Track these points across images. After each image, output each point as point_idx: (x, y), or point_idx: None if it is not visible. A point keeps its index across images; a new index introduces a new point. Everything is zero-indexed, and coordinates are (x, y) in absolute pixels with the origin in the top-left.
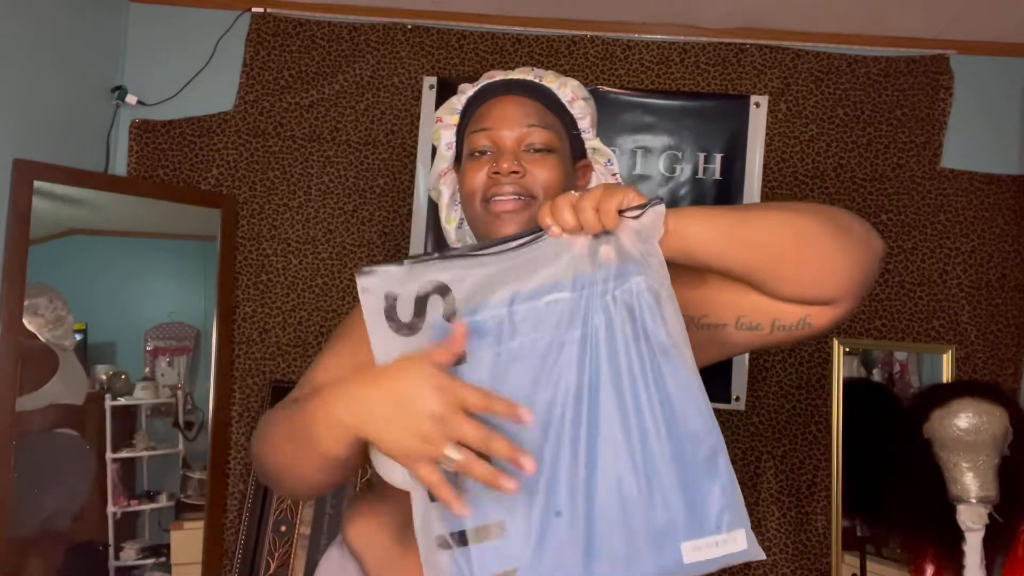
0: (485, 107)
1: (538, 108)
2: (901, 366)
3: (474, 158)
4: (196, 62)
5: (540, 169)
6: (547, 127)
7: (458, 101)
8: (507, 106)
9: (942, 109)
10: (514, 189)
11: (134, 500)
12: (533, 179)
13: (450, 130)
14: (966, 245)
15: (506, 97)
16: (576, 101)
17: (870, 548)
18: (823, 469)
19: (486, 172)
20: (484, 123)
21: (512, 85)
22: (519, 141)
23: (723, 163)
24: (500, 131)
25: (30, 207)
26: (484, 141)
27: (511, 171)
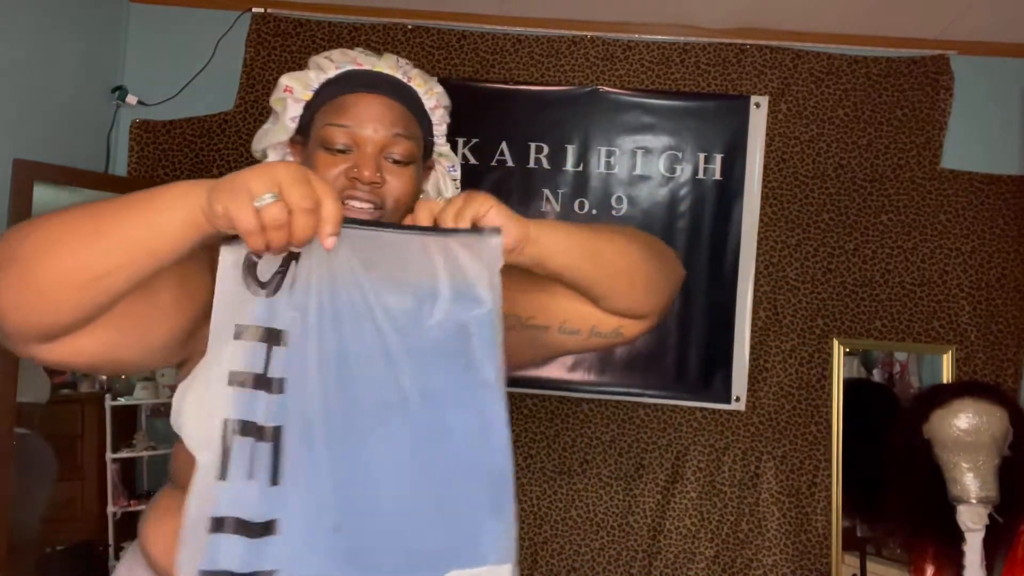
0: (349, 99)
1: (404, 115)
2: (901, 366)
3: (330, 152)
4: (196, 62)
5: (397, 180)
6: (410, 137)
7: (315, 78)
8: (374, 106)
9: (942, 109)
10: (370, 198)
11: (134, 500)
12: (388, 190)
13: (299, 104)
14: (966, 245)
15: (373, 96)
16: (438, 109)
17: (870, 548)
18: (823, 469)
19: (343, 172)
20: (346, 119)
21: (380, 82)
22: (381, 147)
23: (723, 163)
24: (362, 132)
25: (30, 207)
26: (344, 139)
27: (372, 181)
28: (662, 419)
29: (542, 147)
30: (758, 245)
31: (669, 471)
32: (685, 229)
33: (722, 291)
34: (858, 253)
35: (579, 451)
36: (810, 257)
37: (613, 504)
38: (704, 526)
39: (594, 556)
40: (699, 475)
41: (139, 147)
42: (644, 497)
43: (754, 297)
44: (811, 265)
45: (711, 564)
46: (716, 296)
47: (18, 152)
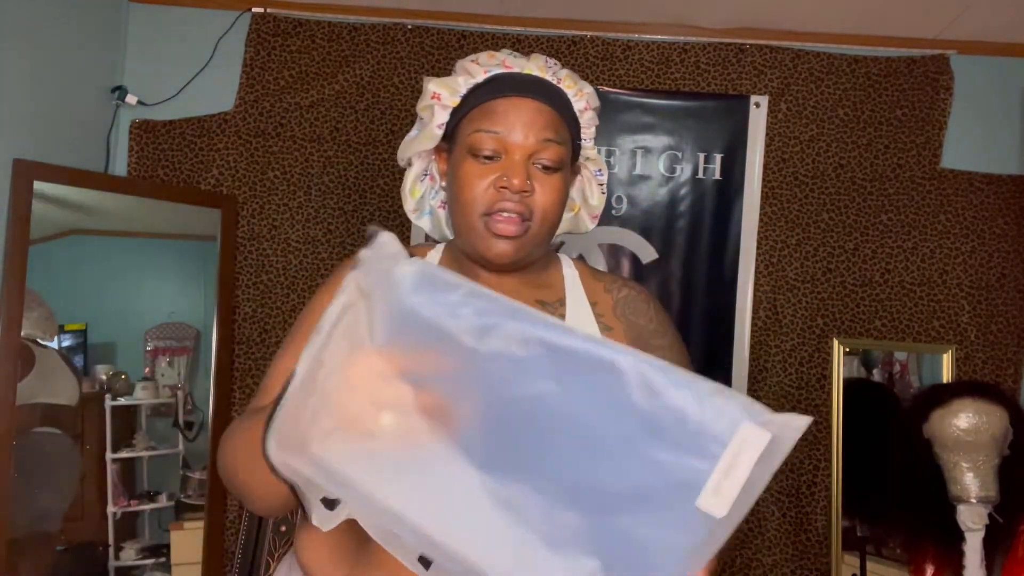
0: (498, 104)
1: (554, 119)
2: (901, 366)
3: (478, 161)
4: (196, 62)
5: (546, 190)
6: (561, 142)
7: (464, 84)
8: (524, 111)
9: (942, 109)
10: (518, 209)
11: (134, 500)
12: (535, 200)
13: (446, 111)
14: (966, 245)
15: (523, 99)
16: (588, 111)
17: (870, 548)
18: (823, 469)
19: (491, 182)
20: (496, 124)
21: (530, 85)
22: (531, 153)
23: (723, 163)
24: (512, 138)
25: (30, 207)
26: (492, 145)
27: (521, 189)
28: None
29: None
30: (758, 245)
31: None
32: (685, 229)
33: (722, 291)
34: (858, 253)
35: None
36: (810, 257)
37: None
38: None
39: None
40: None
41: (139, 147)
42: None
43: (754, 297)
44: (811, 265)
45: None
46: (716, 296)
47: (18, 152)
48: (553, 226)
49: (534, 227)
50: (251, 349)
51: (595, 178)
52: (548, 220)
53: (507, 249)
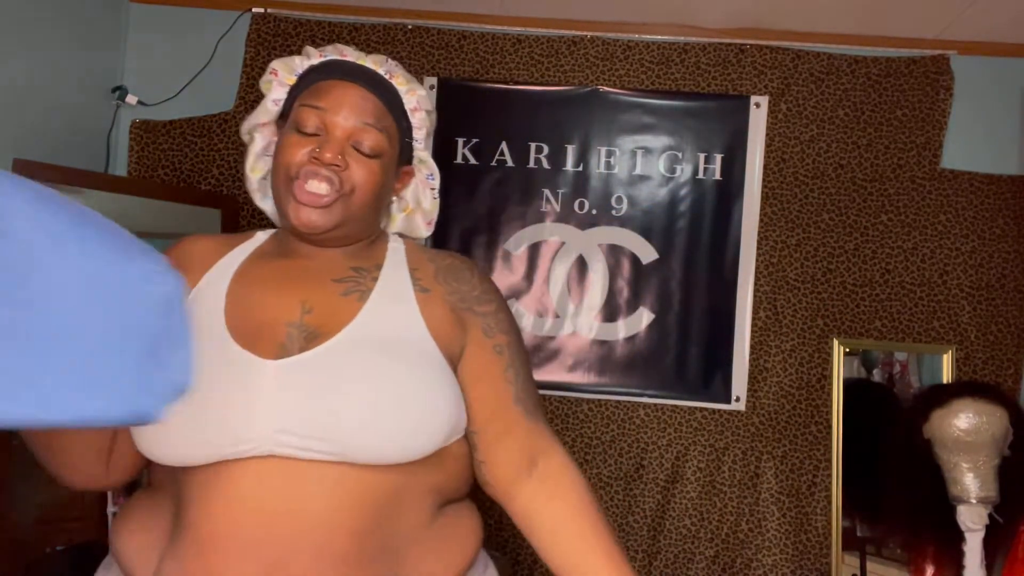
0: (326, 84)
1: (378, 107)
2: (901, 366)
3: (300, 134)
4: (196, 62)
5: (361, 169)
6: (382, 130)
7: (300, 63)
8: (348, 94)
9: (942, 109)
10: (329, 177)
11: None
12: (348, 175)
13: (283, 87)
14: (966, 245)
15: (350, 84)
16: (418, 112)
17: (870, 548)
18: (823, 469)
19: (307, 152)
20: (319, 101)
21: (360, 73)
22: (349, 134)
23: (723, 163)
24: (333, 116)
25: None
26: (314, 120)
27: (332, 163)
28: (662, 419)
29: (542, 147)
30: (758, 245)
31: (669, 471)
32: (685, 229)
33: (722, 291)
34: (858, 253)
35: (579, 451)
36: (810, 257)
37: (613, 504)
38: (704, 526)
39: None
40: (699, 475)
41: (139, 147)
42: (644, 497)
43: (754, 297)
44: (811, 265)
45: (711, 564)
46: (716, 296)
47: (18, 152)
48: (367, 207)
49: (352, 202)
50: None
51: (427, 182)
52: (362, 197)
53: (313, 218)
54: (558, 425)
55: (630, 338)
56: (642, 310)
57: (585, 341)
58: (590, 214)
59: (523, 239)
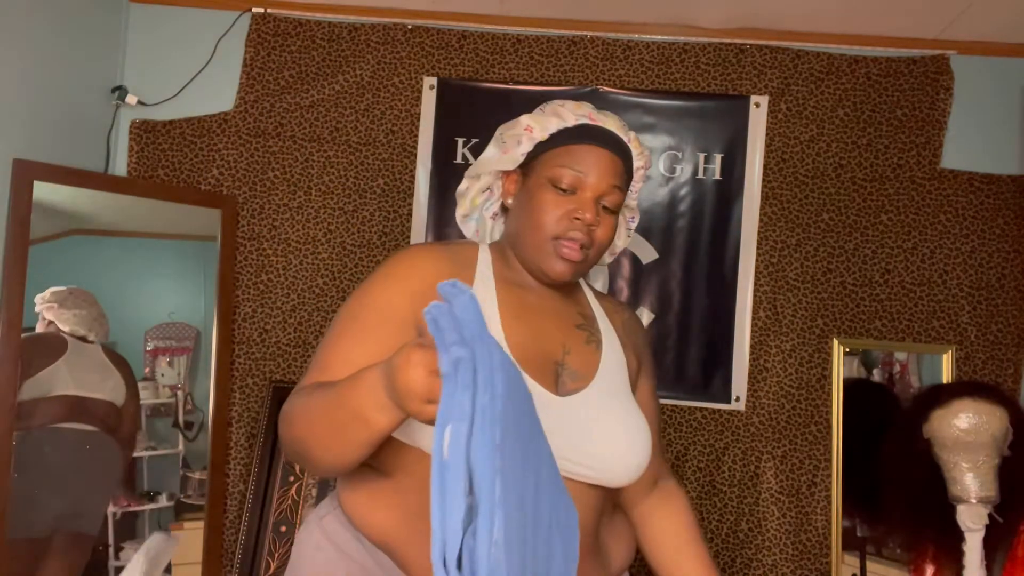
0: (583, 149)
1: (621, 170)
2: (901, 366)
3: (556, 191)
4: (196, 62)
5: (605, 227)
6: (623, 190)
7: (556, 125)
8: (603, 159)
9: (942, 109)
10: (583, 239)
11: (134, 500)
12: (596, 234)
13: (532, 143)
14: (966, 245)
15: (603, 150)
16: (641, 169)
17: (870, 548)
18: (823, 469)
19: (566, 212)
20: (579, 164)
21: (608, 138)
22: (601, 195)
23: (723, 163)
24: (588, 179)
25: (30, 207)
26: (570, 179)
27: (591, 224)
28: (662, 419)
29: None
30: (758, 245)
31: None
32: (685, 229)
33: (722, 291)
34: (858, 253)
35: None
36: (810, 257)
37: None
38: (704, 526)
39: None
40: (699, 475)
41: (139, 147)
42: None
43: (754, 297)
44: (811, 265)
45: None
46: (716, 296)
47: (18, 152)
48: (599, 257)
49: (591, 255)
50: (251, 349)
51: (627, 223)
52: (600, 251)
53: (566, 270)
54: None
55: None
56: (642, 310)
57: None
58: None
59: None
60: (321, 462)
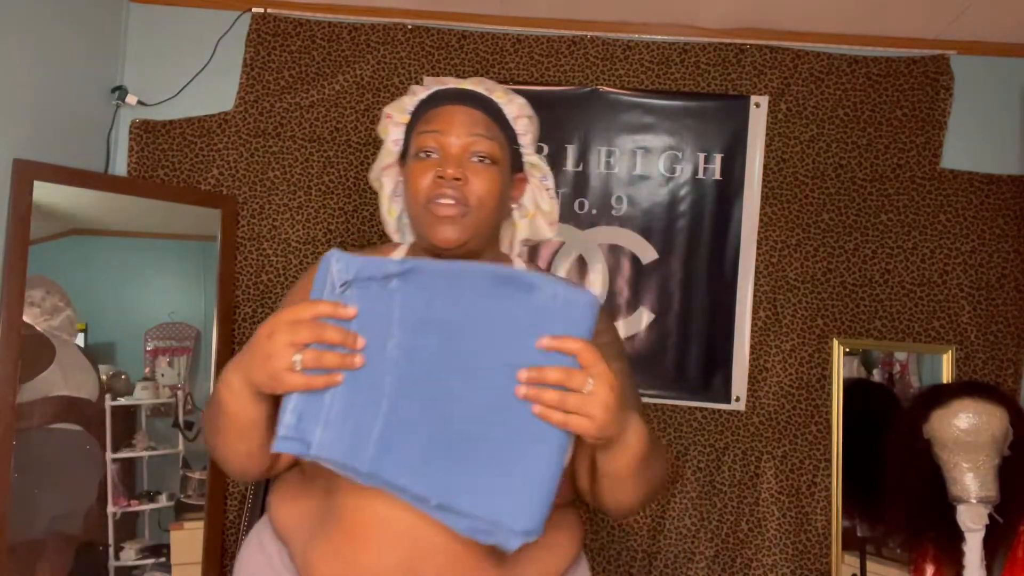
0: (436, 111)
1: (485, 119)
2: (901, 366)
3: (420, 158)
4: (196, 62)
5: (480, 179)
6: (492, 138)
7: (410, 102)
8: (457, 113)
9: (942, 109)
10: (455, 195)
11: (134, 500)
12: (471, 189)
13: (399, 128)
14: (966, 245)
15: (456, 106)
16: (520, 118)
17: (870, 548)
18: (823, 469)
19: (431, 176)
20: (433, 125)
21: (463, 95)
22: (465, 148)
23: (723, 163)
24: (448, 136)
25: (30, 207)
26: (431, 143)
27: (454, 177)
28: (662, 419)
29: (542, 147)
30: (758, 245)
31: (669, 471)
32: (685, 229)
33: (722, 291)
34: (858, 253)
35: None
36: (810, 257)
37: None
38: (704, 526)
39: (594, 556)
40: (699, 475)
41: (139, 147)
42: None
43: (754, 297)
44: (811, 265)
45: (711, 564)
46: (716, 296)
47: (18, 152)
48: (491, 215)
49: (473, 212)
50: None
51: (542, 184)
52: (486, 207)
53: (450, 233)
54: None
55: (630, 338)
56: (642, 310)
57: None
58: (590, 214)
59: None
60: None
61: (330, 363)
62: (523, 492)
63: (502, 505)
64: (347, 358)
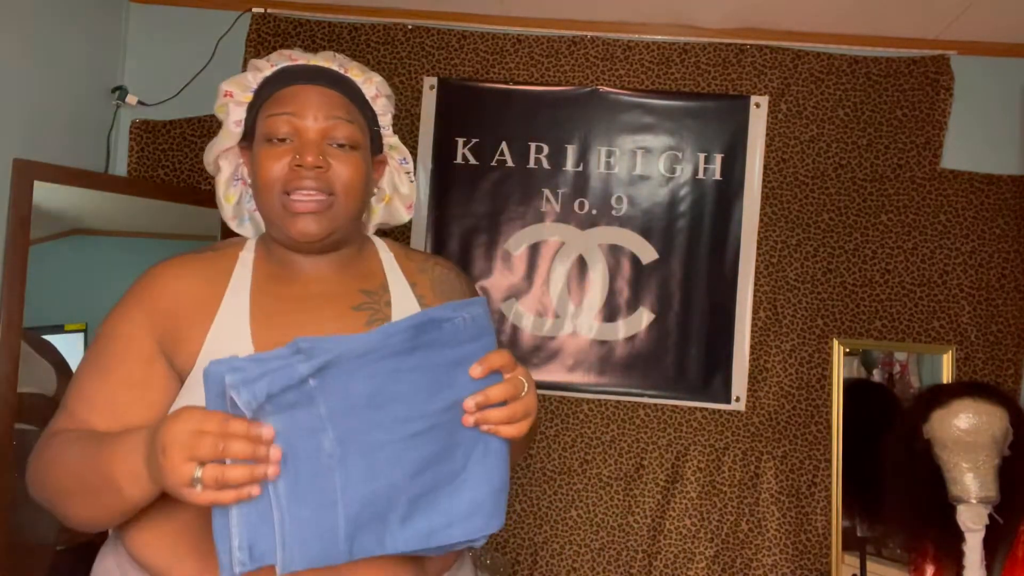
0: (288, 91)
1: (344, 101)
2: (901, 366)
3: (272, 144)
4: (196, 62)
5: (343, 166)
6: (352, 121)
7: (253, 78)
8: (312, 95)
9: (942, 109)
10: (316, 184)
11: None
12: (335, 175)
13: (241, 107)
14: (966, 246)
15: (311, 86)
16: (379, 98)
17: (870, 548)
18: (823, 469)
19: (287, 163)
20: (286, 107)
21: (317, 73)
22: (323, 133)
23: (723, 163)
24: (304, 120)
25: (30, 207)
26: (285, 128)
27: (315, 165)
28: (662, 419)
29: (542, 147)
30: (758, 245)
31: (669, 471)
32: (685, 229)
33: (722, 291)
34: (858, 253)
35: (579, 451)
36: (810, 257)
37: (613, 504)
38: (704, 526)
39: (594, 556)
40: (699, 475)
41: (139, 147)
42: (644, 497)
43: (754, 297)
44: (811, 265)
45: (711, 564)
46: (716, 296)
47: (18, 152)
48: (357, 203)
49: (338, 202)
50: None
51: (401, 166)
52: (351, 195)
53: (310, 226)
54: (558, 425)
55: (630, 338)
56: (642, 310)
57: (585, 341)
58: (590, 214)
59: (523, 239)
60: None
61: (235, 479)
62: (489, 501)
63: (477, 521)
64: (256, 471)
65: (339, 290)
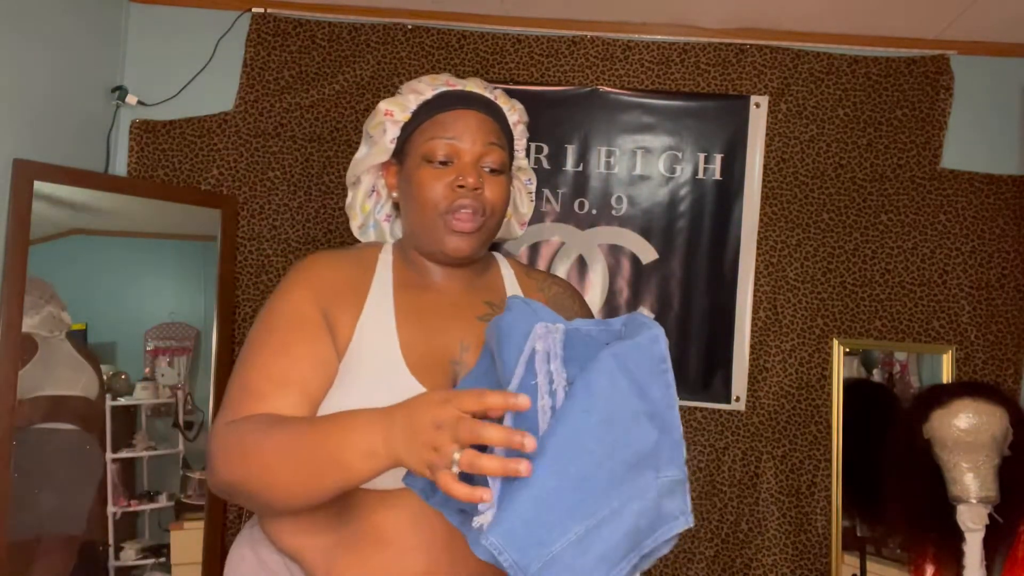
0: (448, 116)
1: (495, 127)
2: (901, 366)
3: (433, 166)
4: (196, 62)
5: (492, 189)
6: (502, 147)
7: (414, 101)
8: (471, 120)
9: (942, 109)
10: (474, 205)
11: (134, 500)
12: (486, 197)
13: (396, 126)
14: (966, 245)
15: (469, 111)
16: (519, 125)
17: (870, 548)
18: (823, 469)
19: (448, 183)
20: (448, 132)
21: (473, 100)
22: (479, 157)
23: (723, 163)
24: (463, 143)
25: (30, 207)
26: (445, 151)
27: (475, 187)
28: None
29: (542, 147)
30: (758, 245)
31: None
32: (685, 229)
33: (722, 291)
34: (858, 253)
35: None
36: (810, 257)
37: None
38: (704, 526)
39: None
40: (699, 475)
41: (139, 147)
42: None
43: (754, 297)
44: (811, 265)
45: (711, 564)
46: (716, 296)
47: (18, 152)
48: (499, 223)
49: (488, 222)
50: None
51: (525, 187)
52: (496, 215)
53: (463, 244)
54: None
55: None
56: (642, 310)
57: None
58: (590, 214)
59: (523, 239)
60: (276, 505)
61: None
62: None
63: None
64: (509, 464)
65: (466, 300)
